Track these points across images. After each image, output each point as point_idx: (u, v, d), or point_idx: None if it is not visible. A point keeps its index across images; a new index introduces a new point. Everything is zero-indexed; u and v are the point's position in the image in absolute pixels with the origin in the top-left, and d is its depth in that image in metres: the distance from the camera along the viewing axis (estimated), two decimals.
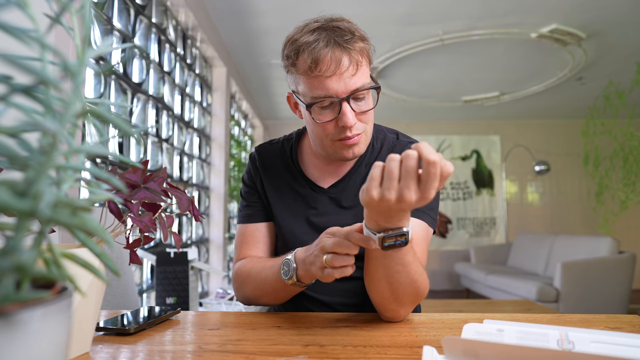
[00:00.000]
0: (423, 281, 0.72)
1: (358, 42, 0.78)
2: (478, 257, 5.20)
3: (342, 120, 0.78)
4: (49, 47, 0.27)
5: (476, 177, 5.95)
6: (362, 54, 0.79)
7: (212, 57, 3.14)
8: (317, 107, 0.80)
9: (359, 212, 0.89)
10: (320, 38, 0.77)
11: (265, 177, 0.97)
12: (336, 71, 0.76)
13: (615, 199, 4.83)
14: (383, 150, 0.94)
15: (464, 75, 4.11)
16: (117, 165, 1.74)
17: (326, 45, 0.76)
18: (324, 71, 0.76)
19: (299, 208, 0.93)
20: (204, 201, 3.11)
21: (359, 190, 0.88)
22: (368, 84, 0.80)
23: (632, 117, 4.26)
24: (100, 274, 0.29)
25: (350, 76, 0.77)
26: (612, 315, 0.74)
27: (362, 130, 0.82)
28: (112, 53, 2.02)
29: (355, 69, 0.77)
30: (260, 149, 1.01)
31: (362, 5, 2.75)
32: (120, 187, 0.28)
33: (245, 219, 0.97)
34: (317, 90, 0.78)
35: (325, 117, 0.80)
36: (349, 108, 0.78)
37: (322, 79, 0.77)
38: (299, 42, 0.78)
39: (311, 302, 0.92)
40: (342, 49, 0.76)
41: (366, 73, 0.80)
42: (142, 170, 0.59)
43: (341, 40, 0.76)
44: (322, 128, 0.82)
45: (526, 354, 0.43)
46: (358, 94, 0.79)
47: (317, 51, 0.76)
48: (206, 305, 2.25)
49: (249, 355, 0.55)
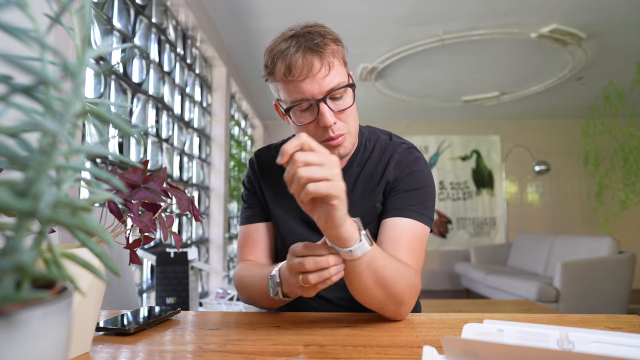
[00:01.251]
0: (399, 280, 0.71)
1: (329, 45, 0.82)
2: (478, 257, 5.19)
3: (322, 120, 0.81)
4: (49, 47, 0.27)
5: (476, 177, 5.95)
6: (334, 55, 0.82)
7: (212, 57, 3.14)
8: (297, 110, 0.84)
9: (350, 209, 0.90)
10: (292, 45, 0.80)
11: (264, 180, 1.00)
12: (309, 74, 0.79)
13: (615, 199, 4.83)
14: (375, 151, 0.95)
15: (464, 75, 4.11)
16: (117, 165, 1.74)
17: (297, 51, 0.80)
18: (297, 76, 0.80)
19: (295, 208, 0.94)
20: (204, 201, 3.11)
21: (350, 191, 0.90)
22: (343, 83, 0.83)
23: (632, 117, 4.26)
24: (100, 274, 0.29)
25: (323, 77, 0.80)
26: (612, 315, 0.74)
27: (345, 131, 0.85)
28: (112, 53, 2.02)
29: (328, 70, 0.81)
30: (258, 153, 1.04)
31: (363, 5, 2.75)
32: (120, 187, 0.28)
33: (246, 220, 1.00)
34: (294, 95, 0.82)
35: (306, 119, 0.84)
36: (326, 108, 0.81)
37: (296, 83, 0.80)
38: (274, 51, 0.82)
39: (312, 298, 0.93)
40: (312, 53, 0.80)
41: (340, 73, 0.83)
42: (142, 170, 0.59)
43: (311, 45, 0.80)
44: (306, 130, 0.85)
45: (526, 354, 0.43)
46: (334, 94, 0.82)
47: (289, 57, 0.80)
48: (206, 305, 2.25)
49: (249, 355, 0.55)
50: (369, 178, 0.92)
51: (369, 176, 0.93)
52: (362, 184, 0.92)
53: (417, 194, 0.87)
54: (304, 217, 0.93)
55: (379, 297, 0.70)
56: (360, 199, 0.91)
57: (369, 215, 0.89)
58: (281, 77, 0.81)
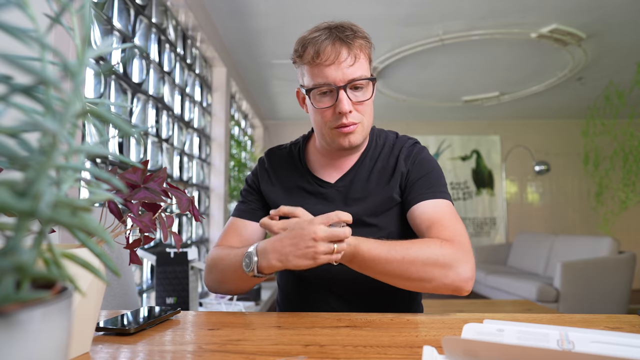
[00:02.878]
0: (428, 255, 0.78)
1: (358, 39, 0.87)
2: (478, 257, 5.19)
3: (339, 106, 0.86)
4: (49, 47, 0.27)
5: (476, 177, 5.95)
6: (362, 49, 0.88)
7: (212, 57, 3.14)
8: (317, 93, 0.89)
9: (365, 203, 0.95)
10: (324, 33, 0.87)
11: (276, 179, 1.02)
12: (335, 61, 0.85)
13: (615, 199, 4.83)
14: (385, 147, 1.01)
15: (464, 75, 4.11)
16: (117, 165, 1.74)
17: (327, 38, 0.85)
18: (324, 60, 0.85)
19: (308, 204, 0.96)
20: (204, 201, 3.11)
21: (365, 182, 0.97)
22: (365, 76, 0.88)
23: (632, 117, 4.26)
24: (100, 274, 0.29)
25: (348, 66, 0.85)
26: (612, 315, 0.74)
27: (359, 121, 0.90)
28: (112, 53, 2.02)
29: (353, 60, 0.86)
30: (269, 152, 1.08)
31: (363, 5, 2.75)
32: (120, 187, 0.28)
33: (238, 214, 1.02)
34: (317, 78, 0.87)
35: (324, 104, 0.89)
36: (345, 96, 0.86)
37: (322, 68, 0.86)
38: (306, 38, 0.88)
39: (329, 296, 0.97)
40: (342, 42, 0.85)
41: (364, 66, 0.88)
42: (142, 170, 0.59)
43: (342, 35, 0.86)
44: (322, 115, 0.90)
45: (526, 354, 0.43)
46: (355, 84, 0.87)
47: (319, 43, 0.85)
48: (206, 305, 2.25)
49: (249, 355, 0.55)
50: (381, 171, 0.97)
51: (382, 169, 0.98)
52: (375, 177, 0.97)
53: (428, 178, 0.94)
54: (316, 211, 0.96)
55: (404, 284, 0.80)
56: (375, 190, 0.96)
57: (385, 204, 0.95)
58: (309, 60, 0.86)
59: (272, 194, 1.00)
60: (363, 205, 0.95)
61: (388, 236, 0.93)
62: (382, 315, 0.76)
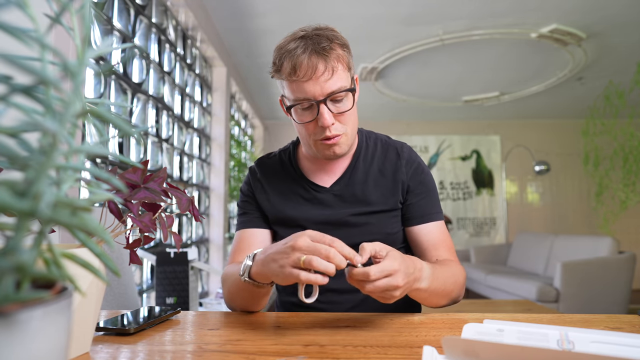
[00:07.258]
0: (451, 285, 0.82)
1: (335, 49, 0.85)
2: (478, 257, 5.19)
3: (321, 120, 0.85)
4: (49, 47, 0.27)
5: (476, 177, 5.94)
6: (339, 60, 0.85)
7: (212, 57, 3.14)
8: (298, 108, 0.88)
9: (364, 205, 0.95)
10: (300, 45, 0.84)
11: (269, 187, 1.01)
12: (312, 76, 0.83)
13: (615, 199, 4.82)
14: (378, 148, 1.01)
15: (464, 75, 4.11)
16: (117, 165, 1.74)
17: (303, 52, 0.83)
18: (301, 76, 0.83)
19: (305, 210, 0.97)
20: (204, 201, 3.11)
21: (362, 184, 0.96)
22: (345, 87, 0.86)
23: (632, 117, 4.26)
24: (100, 274, 0.29)
25: (326, 80, 0.84)
26: (612, 315, 0.74)
27: (342, 132, 0.89)
28: (112, 53, 2.02)
29: (331, 73, 0.84)
30: (259, 162, 1.07)
31: (363, 5, 2.75)
32: (120, 187, 0.28)
33: (241, 225, 1.02)
34: (297, 94, 0.85)
35: (306, 118, 0.88)
36: (325, 109, 0.85)
37: (300, 83, 0.84)
38: (283, 49, 0.86)
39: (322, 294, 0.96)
40: (318, 56, 0.83)
41: (343, 77, 0.86)
42: (142, 170, 0.59)
43: (318, 48, 0.83)
44: (305, 128, 0.90)
45: (526, 354, 0.43)
46: (335, 97, 0.85)
47: (295, 57, 0.83)
48: (206, 305, 2.25)
49: (249, 355, 0.55)
50: (378, 173, 0.98)
51: (378, 172, 0.98)
52: (373, 179, 0.97)
53: (431, 196, 0.98)
54: (313, 216, 0.97)
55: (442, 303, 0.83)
56: (374, 192, 0.96)
57: (386, 207, 0.96)
58: (286, 75, 0.85)
59: (266, 203, 1.00)
60: (361, 207, 0.95)
61: (385, 237, 0.93)
62: (382, 315, 0.76)
